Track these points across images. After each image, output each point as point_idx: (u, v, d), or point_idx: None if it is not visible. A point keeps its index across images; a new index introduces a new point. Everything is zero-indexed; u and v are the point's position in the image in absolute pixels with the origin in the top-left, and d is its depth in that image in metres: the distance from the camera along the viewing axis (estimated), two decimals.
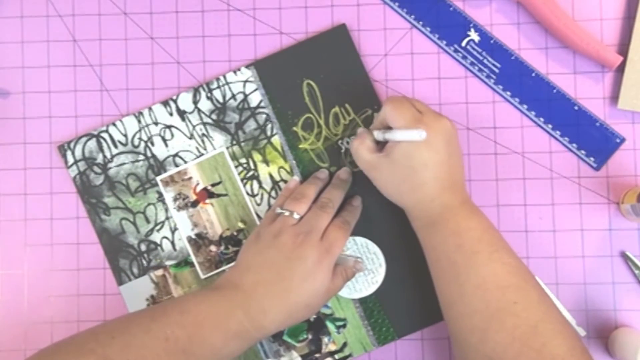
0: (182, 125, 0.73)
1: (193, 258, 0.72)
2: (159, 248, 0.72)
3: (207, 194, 0.73)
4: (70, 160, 0.73)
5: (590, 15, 0.72)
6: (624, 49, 0.71)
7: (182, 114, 0.73)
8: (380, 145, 0.66)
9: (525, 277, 0.61)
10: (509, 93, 0.72)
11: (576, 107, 0.72)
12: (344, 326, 0.72)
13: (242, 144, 0.73)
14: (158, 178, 0.73)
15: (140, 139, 0.73)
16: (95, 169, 0.73)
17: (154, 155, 0.73)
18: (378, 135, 0.66)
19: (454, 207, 0.63)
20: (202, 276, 0.72)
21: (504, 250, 0.62)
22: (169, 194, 0.72)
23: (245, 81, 0.73)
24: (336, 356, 0.72)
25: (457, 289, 0.61)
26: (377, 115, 0.67)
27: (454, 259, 0.62)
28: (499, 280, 0.60)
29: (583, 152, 0.71)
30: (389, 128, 0.65)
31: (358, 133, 0.68)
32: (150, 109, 0.73)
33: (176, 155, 0.73)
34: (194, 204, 0.72)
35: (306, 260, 0.63)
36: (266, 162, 0.73)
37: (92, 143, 0.73)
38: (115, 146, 0.73)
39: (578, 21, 0.72)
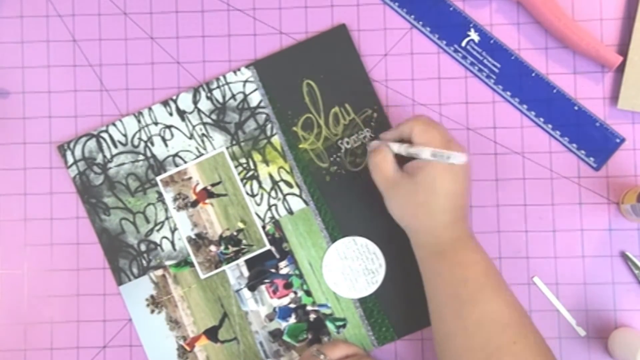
0: (182, 125, 0.73)
1: (193, 258, 0.72)
2: (158, 248, 0.72)
3: (207, 194, 0.72)
4: (70, 160, 0.73)
5: (590, 15, 0.72)
6: (624, 49, 0.71)
7: (182, 114, 0.73)
8: (398, 159, 0.65)
9: (524, 316, 0.61)
10: (509, 93, 0.72)
11: (576, 107, 0.71)
12: (343, 326, 0.72)
13: (242, 144, 0.73)
14: (158, 178, 0.73)
15: (140, 139, 0.73)
16: (95, 169, 0.73)
17: (153, 155, 0.73)
18: (400, 148, 0.64)
19: (463, 239, 0.63)
20: (202, 276, 0.72)
21: (505, 286, 0.62)
22: (168, 194, 0.72)
23: (245, 81, 0.73)
24: None
25: (459, 322, 0.61)
26: (395, 129, 0.65)
27: (458, 292, 0.61)
28: (501, 317, 0.60)
29: (583, 152, 0.71)
30: (406, 143, 0.64)
31: (375, 146, 0.66)
32: (150, 109, 0.73)
33: (176, 155, 0.73)
34: (194, 204, 0.72)
35: None
36: (266, 162, 0.73)
37: (92, 143, 0.73)
38: (115, 146, 0.73)
39: (578, 21, 0.72)
